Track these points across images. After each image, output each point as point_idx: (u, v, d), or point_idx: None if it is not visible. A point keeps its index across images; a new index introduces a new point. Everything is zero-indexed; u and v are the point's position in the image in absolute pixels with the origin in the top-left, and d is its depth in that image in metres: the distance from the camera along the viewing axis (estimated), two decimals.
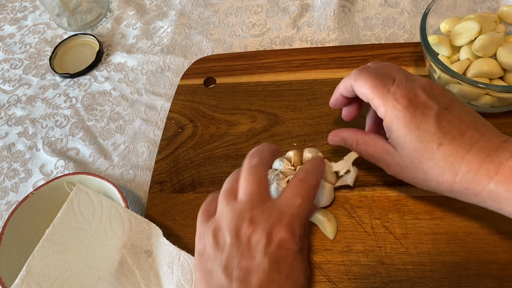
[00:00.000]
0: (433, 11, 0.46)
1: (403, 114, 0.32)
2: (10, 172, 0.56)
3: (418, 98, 0.33)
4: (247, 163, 0.35)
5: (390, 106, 0.33)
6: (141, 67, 0.62)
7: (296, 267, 0.32)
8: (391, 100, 0.33)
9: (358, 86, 0.36)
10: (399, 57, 0.52)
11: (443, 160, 0.31)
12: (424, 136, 0.32)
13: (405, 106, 0.32)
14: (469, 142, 0.31)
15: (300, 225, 0.32)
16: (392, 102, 0.33)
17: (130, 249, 0.40)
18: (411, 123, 0.32)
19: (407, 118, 0.32)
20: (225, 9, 0.67)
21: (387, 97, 0.34)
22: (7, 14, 0.75)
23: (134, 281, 0.39)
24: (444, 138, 0.31)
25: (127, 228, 0.41)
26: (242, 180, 0.34)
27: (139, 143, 0.55)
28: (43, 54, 0.68)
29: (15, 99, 0.63)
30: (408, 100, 0.33)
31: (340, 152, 0.46)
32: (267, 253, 0.31)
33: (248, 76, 0.54)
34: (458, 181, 0.31)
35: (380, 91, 0.34)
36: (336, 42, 0.58)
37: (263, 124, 0.50)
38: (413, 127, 0.32)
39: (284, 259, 0.31)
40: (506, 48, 0.42)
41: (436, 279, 0.37)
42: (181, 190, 0.47)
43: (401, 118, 0.32)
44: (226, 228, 0.32)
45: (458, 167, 0.31)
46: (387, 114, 0.33)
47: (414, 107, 0.32)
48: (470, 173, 0.30)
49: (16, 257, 0.43)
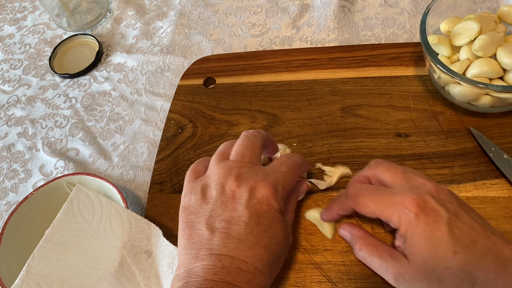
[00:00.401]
0: (433, 11, 0.46)
1: (416, 222, 0.32)
2: (10, 172, 0.56)
3: (428, 205, 0.32)
4: (245, 132, 0.39)
5: (402, 215, 0.32)
6: (140, 67, 0.62)
7: (276, 224, 0.34)
8: (401, 209, 0.32)
9: (360, 207, 0.35)
10: (399, 57, 0.52)
11: (460, 269, 0.30)
12: (438, 244, 0.31)
13: (416, 214, 0.32)
14: (482, 251, 0.30)
15: (283, 188, 0.36)
16: (403, 210, 0.32)
17: (130, 249, 0.40)
18: (425, 230, 0.31)
19: (421, 225, 0.31)
20: (224, 9, 0.66)
21: (395, 207, 0.33)
22: (6, 15, 0.75)
23: (134, 282, 0.39)
24: (458, 246, 0.30)
25: (126, 228, 0.41)
26: (236, 144, 0.38)
27: (139, 143, 0.55)
28: (42, 54, 0.68)
29: (14, 100, 0.63)
30: (418, 207, 0.32)
31: (335, 154, 0.46)
32: (248, 206, 0.33)
33: (248, 76, 0.54)
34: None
35: (386, 203, 0.33)
36: (336, 42, 0.58)
37: (263, 124, 0.50)
38: (427, 235, 0.31)
39: (264, 214, 0.33)
40: (506, 48, 0.42)
41: None
42: (181, 190, 0.46)
43: (415, 226, 0.32)
44: (214, 183, 0.35)
45: (476, 277, 0.30)
46: (402, 222, 0.33)
47: (425, 214, 0.32)
48: (487, 283, 0.30)
49: (16, 257, 0.43)
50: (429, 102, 0.48)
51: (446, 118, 0.46)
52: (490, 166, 0.42)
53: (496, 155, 0.42)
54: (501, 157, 0.42)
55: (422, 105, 0.48)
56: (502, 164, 0.41)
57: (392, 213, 0.33)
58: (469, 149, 0.44)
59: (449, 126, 0.46)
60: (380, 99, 0.49)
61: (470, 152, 0.44)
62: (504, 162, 0.42)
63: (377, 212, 0.34)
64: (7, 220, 0.43)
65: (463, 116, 0.46)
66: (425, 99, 0.48)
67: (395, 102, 0.48)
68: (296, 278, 0.39)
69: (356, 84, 0.50)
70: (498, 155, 0.42)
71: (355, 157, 0.45)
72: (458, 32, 0.44)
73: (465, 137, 0.45)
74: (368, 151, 0.45)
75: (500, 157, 0.42)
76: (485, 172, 0.42)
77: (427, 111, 0.47)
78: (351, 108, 0.49)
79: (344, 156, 0.45)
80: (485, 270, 0.30)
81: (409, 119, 0.47)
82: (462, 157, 0.43)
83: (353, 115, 0.48)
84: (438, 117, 0.46)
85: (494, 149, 0.43)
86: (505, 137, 0.44)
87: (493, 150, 0.42)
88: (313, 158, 0.46)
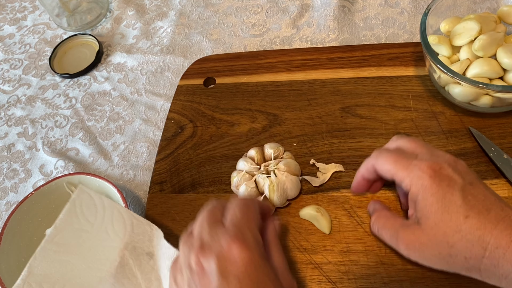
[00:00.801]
0: (433, 11, 0.46)
1: (429, 183, 0.32)
2: (10, 172, 0.56)
3: (443, 171, 0.32)
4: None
5: (415, 177, 0.33)
6: (140, 67, 0.62)
7: (262, 277, 0.30)
8: (416, 170, 0.33)
9: (380, 164, 0.36)
10: (399, 57, 0.52)
11: (471, 233, 0.30)
12: (450, 207, 0.31)
13: (430, 176, 0.32)
14: (496, 218, 0.30)
15: (251, 233, 0.32)
16: (417, 172, 0.32)
17: (131, 251, 0.40)
18: (437, 192, 0.31)
19: (433, 187, 0.32)
20: (225, 9, 0.66)
21: (411, 168, 0.33)
22: (6, 14, 0.75)
23: (136, 283, 0.39)
24: (471, 211, 0.30)
25: (128, 229, 0.41)
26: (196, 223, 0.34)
27: (139, 143, 0.55)
28: (42, 54, 0.68)
29: (14, 99, 0.63)
30: (433, 170, 0.32)
31: (335, 154, 0.46)
32: (221, 273, 0.29)
33: (248, 76, 0.54)
34: (487, 256, 0.29)
35: (403, 164, 0.34)
36: (336, 42, 0.58)
37: (263, 124, 0.50)
38: (439, 197, 0.31)
39: (242, 273, 0.29)
40: (506, 48, 0.41)
41: (436, 279, 0.37)
42: (181, 190, 0.47)
43: (428, 188, 0.32)
44: (183, 266, 0.32)
45: (487, 242, 0.29)
46: (413, 184, 0.33)
47: (439, 178, 0.32)
48: (499, 249, 0.29)
49: (16, 257, 0.43)
50: (429, 102, 0.48)
51: (446, 118, 0.46)
52: (490, 166, 0.42)
53: (496, 155, 0.42)
54: (501, 157, 0.42)
55: (422, 105, 0.48)
56: (502, 164, 0.41)
57: (406, 175, 0.33)
58: (469, 149, 0.44)
59: (449, 126, 0.46)
60: (380, 99, 0.49)
61: (470, 152, 0.44)
62: (504, 162, 0.42)
63: (393, 171, 0.34)
64: (7, 220, 0.43)
65: (463, 116, 0.46)
66: (425, 99, 0.48)
67: (395, 102, 0.48)
68: (296, 278, 0.39)
69: (356, 84, 0.50)
70: (498, 155, 0.42)
71: (355, 157, 0.45)
72: (458, 32, 0.44)
73: (465, 137, 0.45)
74: (368, 151, 0.45)
75: (500, 157, 0.42)
76: (485, 172, 0.42)
77: (427, 111, 0.47)
78: (351, 108, 0.49)
79: (344, 156, 0.45)
80: (497, 236, 0.29)
81: (409, 119, 0.47)
82: (462, 157, 0.43)
83: (353, 115, 0.48)
84: (438, 117, 0.46)
85: (494, 149, 0.43)
86: (505, 137, 0.44)
87: (493, 150, 0.42)
88: (313, 158, 0.46)
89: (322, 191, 0.44)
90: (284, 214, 0.43)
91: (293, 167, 0.43)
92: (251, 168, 0.43)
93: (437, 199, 0.31)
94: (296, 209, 0.43)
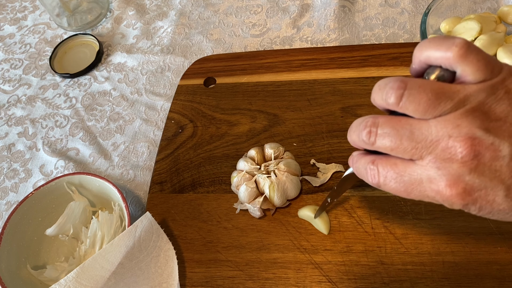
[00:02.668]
0: (433, 11, 0.46)
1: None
2: (10, 172, 0.56)
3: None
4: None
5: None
6: (141, 67, 0.62)
7: None
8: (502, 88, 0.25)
9: (466, 65, 0.25)
10: (399, 57, 0.52)
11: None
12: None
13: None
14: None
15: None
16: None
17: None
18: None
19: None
20: (225, 9, 0.67)
21: (498, 86, 0.25)
22: (7, 14, 0.75)
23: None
24: None
25: (165, 275, 0.41)
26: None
27: (139, 143, 0.55)
28: (43, 54, 0.68)
29: (15, 99, 0.63)
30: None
31: (335, 154, 0.46)
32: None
33: (248, 76, 0.54)
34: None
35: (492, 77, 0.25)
36: (336, 42, 0.58)
37: (263, 124, 0.50)
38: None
39: None
40: (506, 48, 0.42)
41: (436, 279, 0.37)
42: (181, 190, 0.47)
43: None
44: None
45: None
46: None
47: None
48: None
49: (16, 257, 0.43)
50: None
51: None
52: None
53: None
54: None
55: None
56: None
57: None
58: None
59: None
60: None
61: None
62: None
63: (478, 77, 0.25)
64: (7, 220, 0.43)
65: None
66: None
67: None
68: (296, 278, 0.39)
69: (357, 84, 0.50)
70: None
71: None
72: (458, 32, 0.44)
73: None
74: None
75: None
76: None
77: None
78: (351, 108, 0.49)
79: (344, 156, 0.45)
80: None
81: None
82: None
83: (353, 115, 0.48)
84: None
85: None
86: None
87: None
88: (313, 158, 0.46)
89: (322, 191, 0.44)
90: (284, 214, 0.43)
91: (293, 167, 0.43)
92: (251, 168, 0.43)
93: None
94: (296, 209, 0.43)
